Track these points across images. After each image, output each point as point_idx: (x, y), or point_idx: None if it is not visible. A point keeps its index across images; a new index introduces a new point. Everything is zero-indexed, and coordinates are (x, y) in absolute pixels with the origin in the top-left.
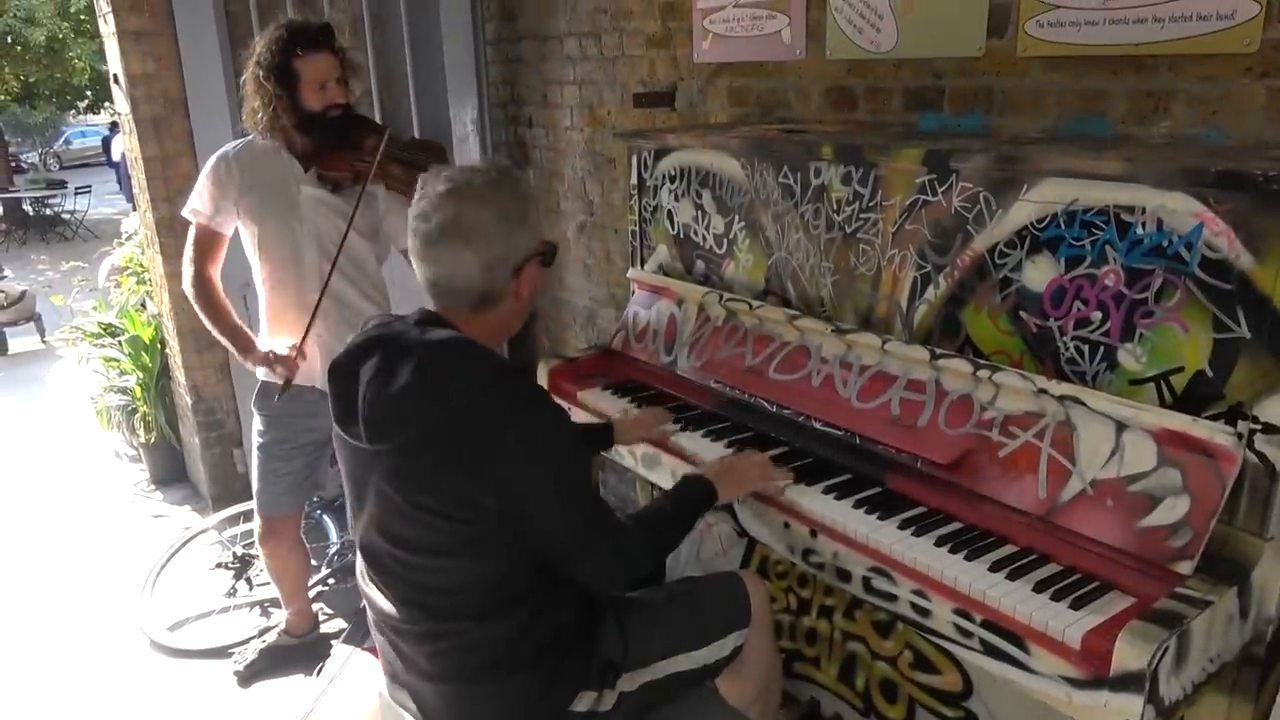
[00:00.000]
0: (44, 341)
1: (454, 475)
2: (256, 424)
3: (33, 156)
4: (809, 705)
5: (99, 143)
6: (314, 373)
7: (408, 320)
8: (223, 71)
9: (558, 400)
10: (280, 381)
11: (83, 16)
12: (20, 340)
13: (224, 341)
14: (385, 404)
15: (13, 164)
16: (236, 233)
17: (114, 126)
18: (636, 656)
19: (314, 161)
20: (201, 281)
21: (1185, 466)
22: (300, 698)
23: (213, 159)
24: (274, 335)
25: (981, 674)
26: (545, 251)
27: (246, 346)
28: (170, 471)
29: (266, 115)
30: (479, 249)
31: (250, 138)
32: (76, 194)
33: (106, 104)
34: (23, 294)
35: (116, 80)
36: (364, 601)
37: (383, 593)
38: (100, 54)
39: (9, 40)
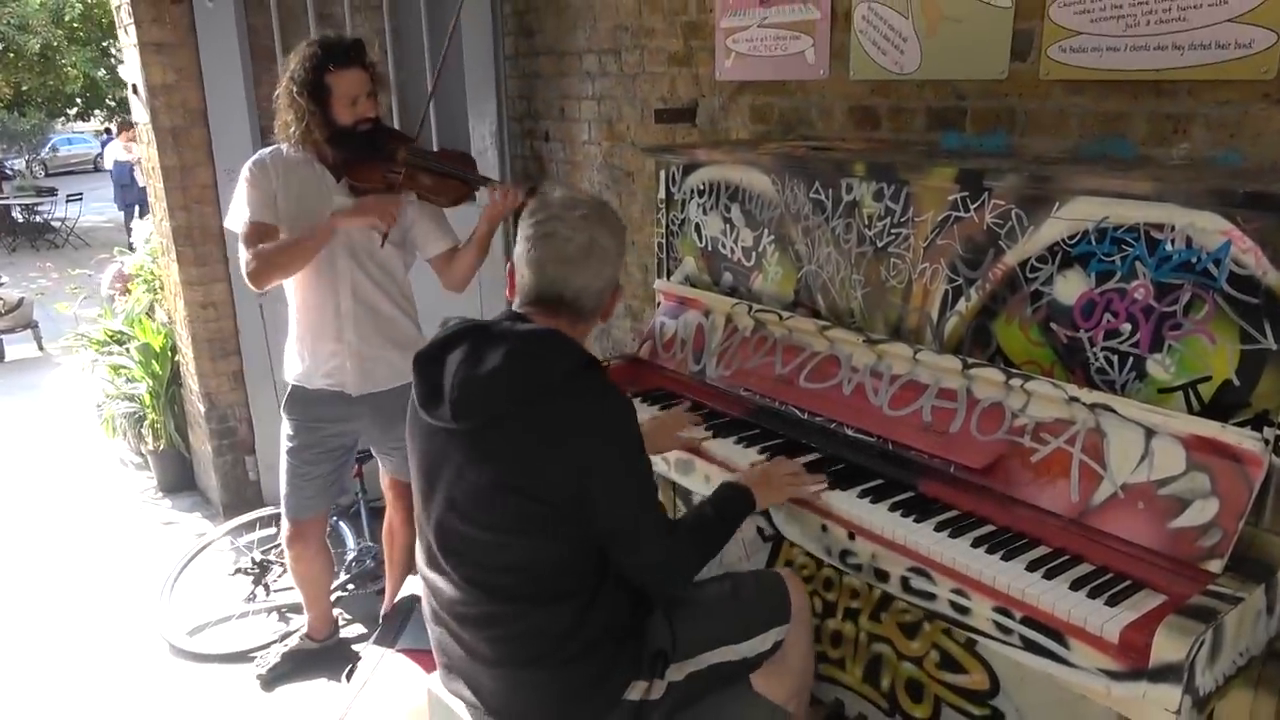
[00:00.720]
0: (41, 349)
1: (532, 454)
2: (285, 429)
3: (18, 163)
4: (833, 706)
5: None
6: (344, 380)
7: (496, 318)
8: (243, 84)
9: None
10: (382, 232)
11: (75, 25)
12: (17, 348)
13: (319, 244)
14: (474, 384)
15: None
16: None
17: (108, 133)
18: (684, 648)
19: (345, 172)
20: (263, 250)
21: (1213, 470)
22: (334, 701)
23: (248, 165)
24: (303, 341)
25: (1009, 672)
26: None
27: (332, 220)
28: (178, 479)
29: (299, 129)
30: (603, 271)
31: (278, 146)
32: (68, 201)
33: (96, 111)
34: (20, 301)
35: (135, 90)
36: (422, 593)
37: (447, 576)
38: (93, 62)
39: (2, 47)
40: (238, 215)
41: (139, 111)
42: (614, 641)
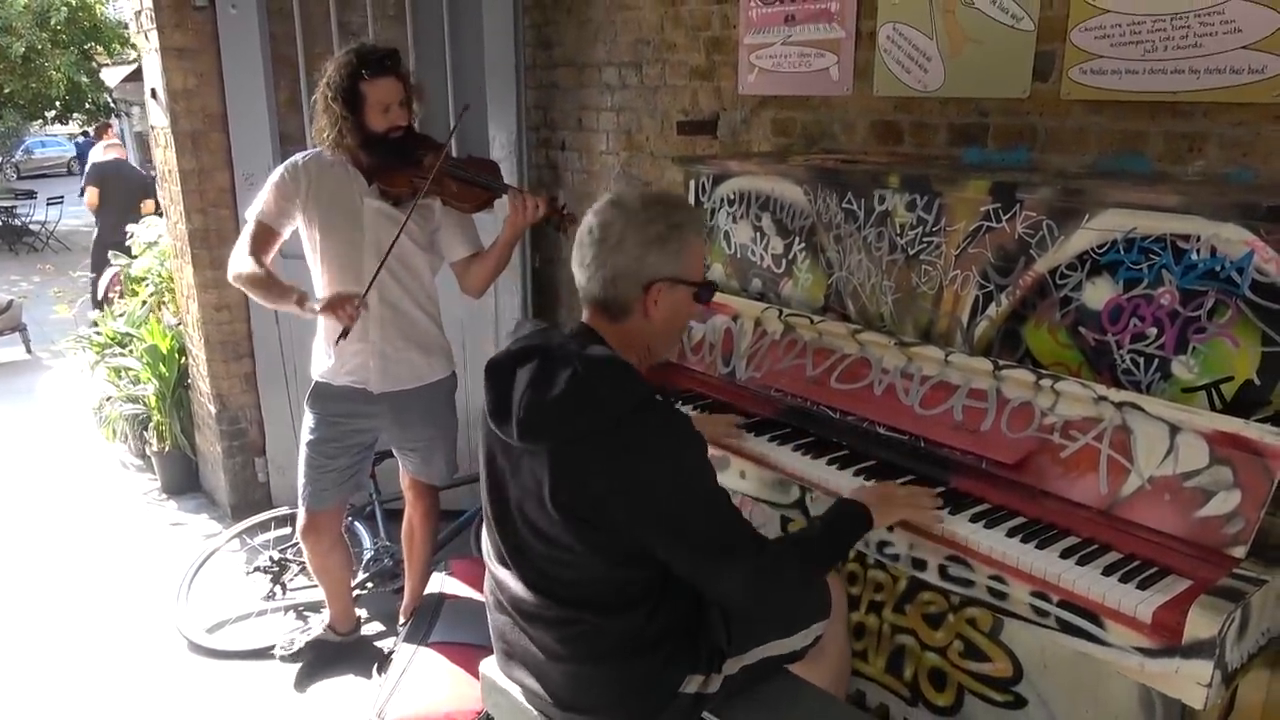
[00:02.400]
0: (29, 352)
1: (593, 486)
2: (307, 422)
3: None
4: (855, 697)
5: (61, 153)
6: (367, 377)
7: (565, 332)
8: (264, 90)
9: None
10: (340, 328)
11: (59, 28)
12: (4, 351)
13: (281, 304)
14: (541, 409)
15: None
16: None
17: (85, 136)
18: (739, 643)
19: (376, 177)
20: (254, 263)
21: (1236, 464)
22: (366, 695)
23: (283, 166)
24: (330, 339)
25: (1032, 659)
26: (689, 283)
27: (304, 297)
28: (183, 481)
29: (333, 134)
30: (609, 258)
31: (318, 150)
32: (49, 205)
33: (75, 115)
34: (10, 303)
35: (154, 94)
36: (487, 582)
37: (513, 573)
38: (76, 65)
39: None
40: (254, 208)
41: (157, 115)
42: (674, 639)
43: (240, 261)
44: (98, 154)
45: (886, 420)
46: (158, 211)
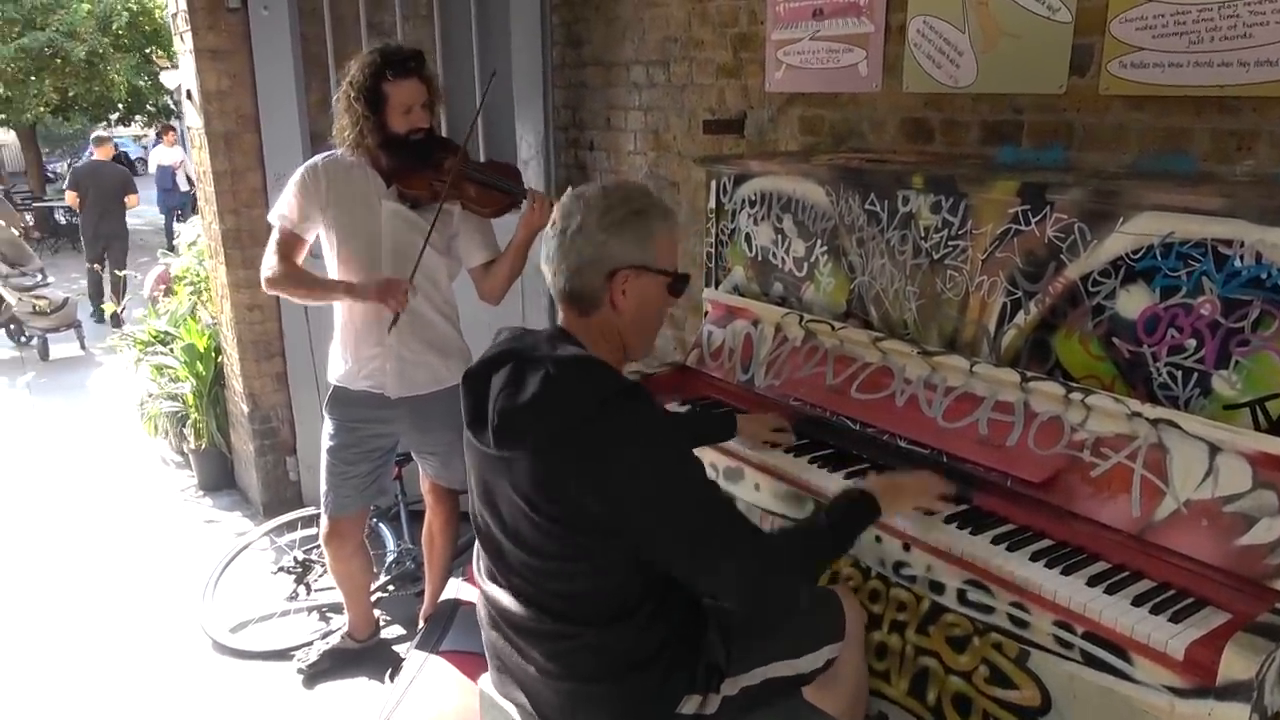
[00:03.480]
0: (83, 348)
1: (571, 488)
2: (327, 428)
3: (59, 166)
4: (876, 719)
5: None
6: (384, 382)
7: (539, 335)
8: (295, 90)
9: None
10: (391, 315)
11: (120, 32)
12: (60, 347)
13: (326, 298)
14: (513, 414)
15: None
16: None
17: (159, 137)
18: (738, 662)
19: (395, 179)
20: (287, 267)
21: None
22: (376, 701)
23: (302, 168)
24: (346, 343)
25: (1062, 689)
26: (656, 270)
27: (349, 286)
28: (219, 478)
29: (353, 134)
30: (570, 248)
31: (336, 151)
32: None
33: (137, 116)
34: (65, 301)
35: (189, 95)
36: (478, 599)
37: (504, 588)
38: (137, 69)
39: (50, 54)
40: (277, 211)
41: (191, 116)
42: (670, 656)
43: (271, 268)
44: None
45: (908, 433)
46: None
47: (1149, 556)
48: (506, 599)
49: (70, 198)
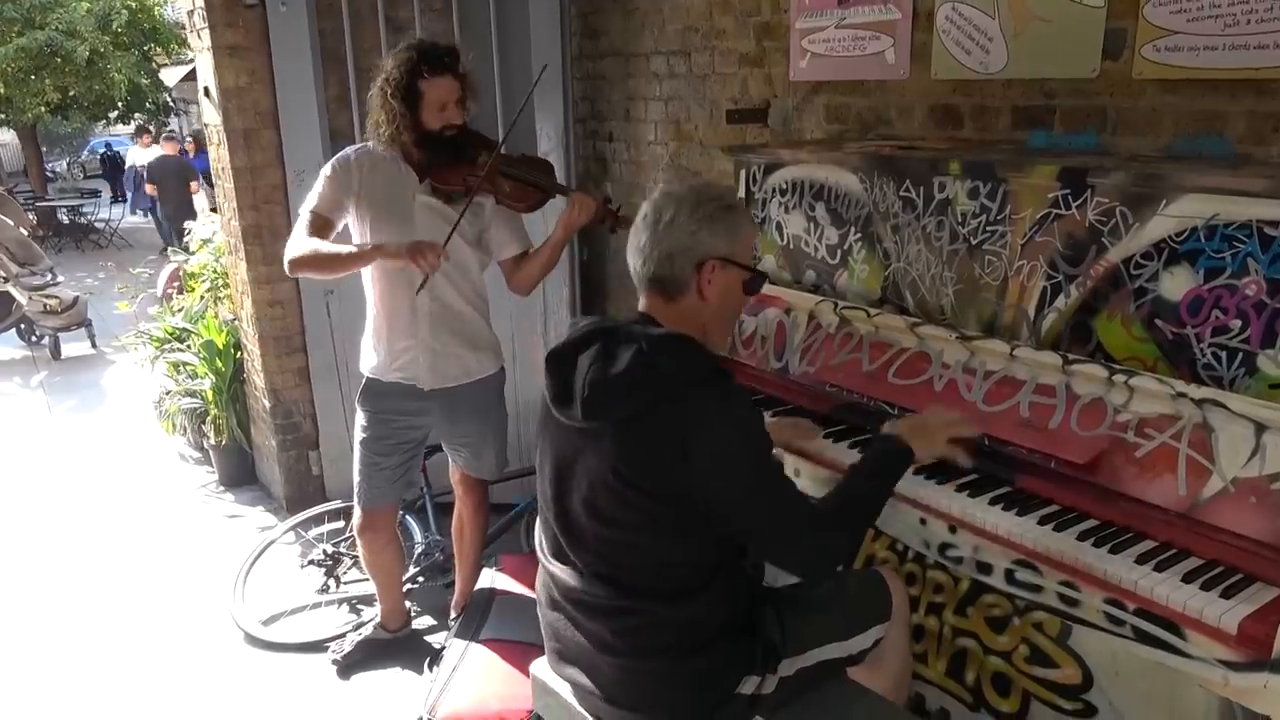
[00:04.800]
0: (94, 347)
1: (661, 458)
2: (360, 420)
3: (59, 165)
4: (914, 701)
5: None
6: (417, 374)
7: (623, 320)
8: (314, 86)
9: None
10: (421, 277)
11: (120, 30)
12: (71, 346)
13: (351, 265)
14: (605, 385)
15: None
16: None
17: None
18: (794, 643)
19: (429, 174)
20: (312, 244)
21: None
22: (418, 690)
23: (334, 159)
24: (379, 335)
25: (1103, 666)
26: (741, 265)
27: (379, 247)
28: (240, 474)
29: (389, 129)
30: (663, 237)
31: (367, 144)
32: (113, 203)
33: (137, 115)
34: (75, 299)
35: (207, 92)
36: (540, 580)
37: (573, 567)
38: (137, 67)
39: (50, 52)
40: (306, 204)
41: (210, 113)
42: (730, 636)
43: (299, 245)
44: (134, 156)
45: None
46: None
47: (1196, 534)
48: (570, 577)
49: (150, 189)
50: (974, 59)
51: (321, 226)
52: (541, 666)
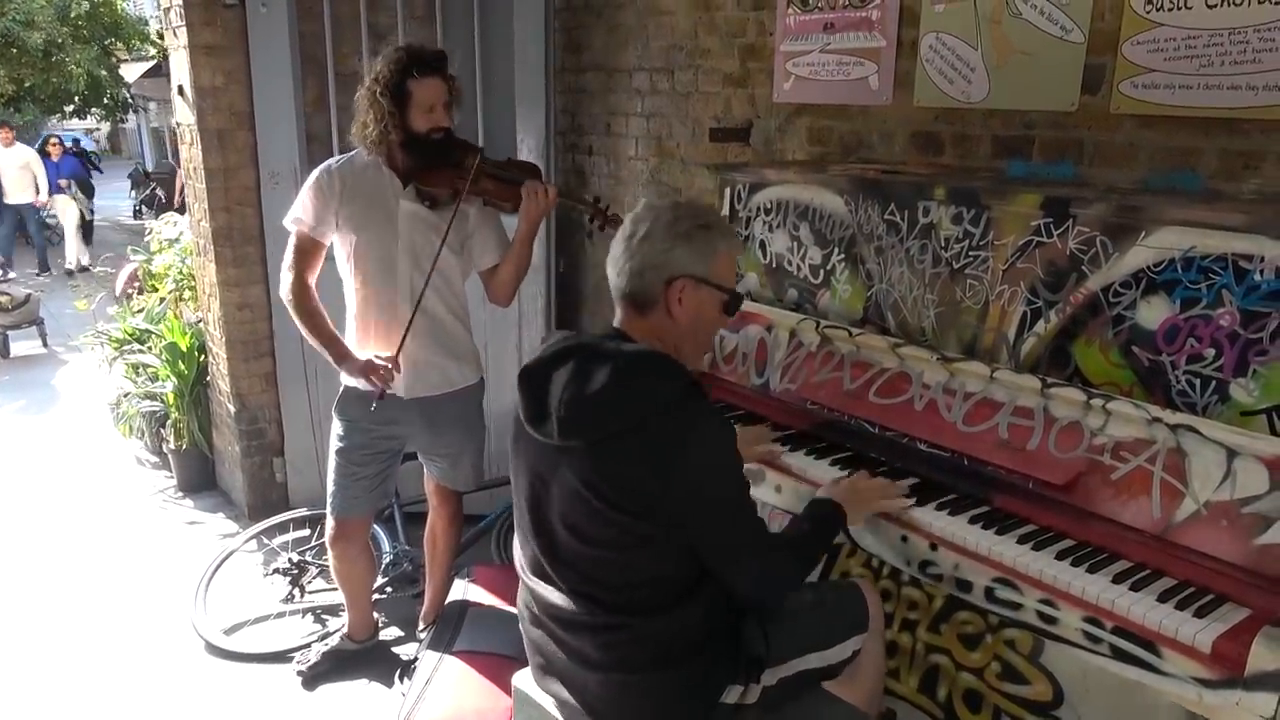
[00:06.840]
0: (45, 346)
1: (637, 475)
2: (336, 429)
3: None
4: (886, 716)
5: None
6: (397, 383)
7: (596, 335)
8: (292, 89)
9: None
10: (377, 391)
11: (80, 23)
12: (21, 344)
13: (320, 348)
14: (581, 404)
15: None
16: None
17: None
18: (777, 654)
19: (414, 177)
20: (301, 289)
21: None
22: (394, 703)
23: (316, 171)
24: (361, 345)
25: (1074, 683)
26: (715, 285)
27: (343, 354)
28: (200, 479)
29: (376, 130)
30: (636, 251)
31: (353, 153)
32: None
33: (94, 110)
34: (27, 297)
35: (181, 91)
36: (521, 596)
37: (554, 584)
38: (97, 60)
39: (5, 43)
40: (291, 216)
41: (183, 112)
42: (714, 647)
43: (289, 285)
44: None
45: (927, 436)
46: None
47: (1169, 556)
48: (554, 594)
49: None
50: (956, 88)
51: (310, 250)
52: (524, 679)
